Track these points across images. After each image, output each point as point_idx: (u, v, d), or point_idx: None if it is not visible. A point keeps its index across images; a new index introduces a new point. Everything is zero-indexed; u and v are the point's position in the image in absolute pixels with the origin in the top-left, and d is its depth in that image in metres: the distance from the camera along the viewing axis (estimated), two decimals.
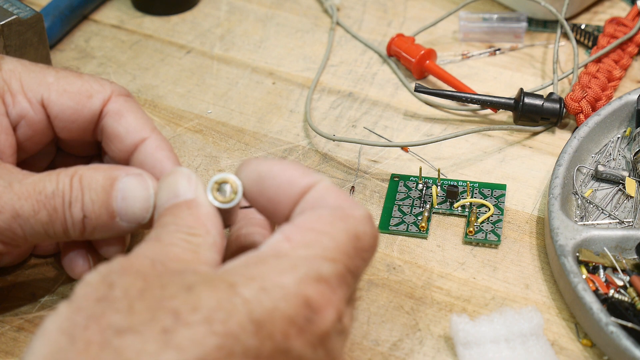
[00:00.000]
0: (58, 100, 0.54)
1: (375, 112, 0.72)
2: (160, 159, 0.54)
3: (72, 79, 0.55)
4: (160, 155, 0.54)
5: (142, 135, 0.54)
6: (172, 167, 0.53)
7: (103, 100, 0.55)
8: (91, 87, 0.55)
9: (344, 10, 0.82)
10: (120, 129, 0.54)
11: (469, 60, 0.77)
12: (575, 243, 0.58)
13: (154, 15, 0.82)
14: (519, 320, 0.54)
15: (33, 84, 0.54)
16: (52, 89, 0.54)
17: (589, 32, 0.77)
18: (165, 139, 0.55)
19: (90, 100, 0.54)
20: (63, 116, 0.54)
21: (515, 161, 0.67)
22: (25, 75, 0.54)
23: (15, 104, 0.54)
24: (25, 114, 0.54)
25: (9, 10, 0.67)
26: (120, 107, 0.55)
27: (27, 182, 0.50)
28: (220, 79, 0.75)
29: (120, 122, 0.54)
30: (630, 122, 0.68)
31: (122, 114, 0.55)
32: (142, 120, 0.55)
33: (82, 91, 0.55)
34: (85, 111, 0.55)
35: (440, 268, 0.60)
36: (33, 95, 0.54)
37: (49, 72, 0.55)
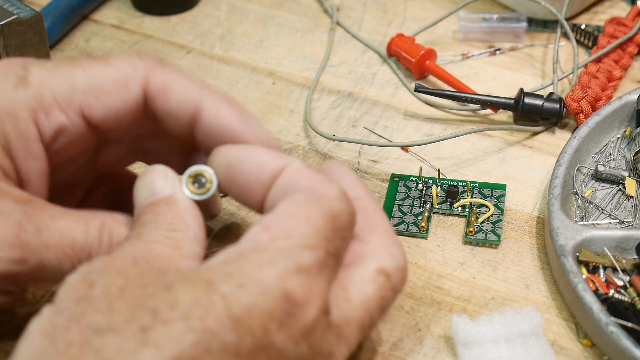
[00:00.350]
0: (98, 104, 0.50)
1: (375, 112, 0.72)
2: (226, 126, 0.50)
3: (102, 72, 0.51)
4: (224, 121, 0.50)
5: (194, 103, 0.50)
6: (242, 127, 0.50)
7: (141, 83, 0.51)
8: (124, 75, 0.51)
9: (344, 10, 0.82)
10: (171, 106, 0.51)
11: (469, 60, 0.77)
12: (575, 243, 0.58)
13: (154, 15, 0.82)
14: (519, 320, 0.54)
15: (66, 92, 0.50)
16: (88, 94, 0.50)
17: (589, 32, 0.77)
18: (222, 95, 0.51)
19: (128, 90, 0.50)
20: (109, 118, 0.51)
21: (515, 161, 0.67)
22: (55, 85, 0.50)
23: (50, 119, 0.50)
24: (63, 127, 0.50)
25: (9, 10, 0.68)
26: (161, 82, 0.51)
27: (55, 228, 0.48)
28: (220, 79, 0.75)
29: (168, 100, 0.51)
30: (630, 122, 0.68)
31: (166, 89, 0.51)
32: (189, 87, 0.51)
33: (117, 82, 0.50)
34: (129, 103, 0.51)
35: (440, 268, 0.60)
36: (68, 105, 0.50)
37: (77, 72, 0.50)
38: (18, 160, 0.50)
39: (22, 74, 0.50)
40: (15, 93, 0.49)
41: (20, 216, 0.47)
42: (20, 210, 0.47)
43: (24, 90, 0.49)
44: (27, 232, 0.47)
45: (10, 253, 0.47)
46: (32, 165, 0.50)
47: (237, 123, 0.51)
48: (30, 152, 0.50)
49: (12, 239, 0.47)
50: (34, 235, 0.47)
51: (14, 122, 0.49)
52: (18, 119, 0.49)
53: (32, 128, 0.49)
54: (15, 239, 0.47)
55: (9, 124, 0.49)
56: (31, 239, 0.47)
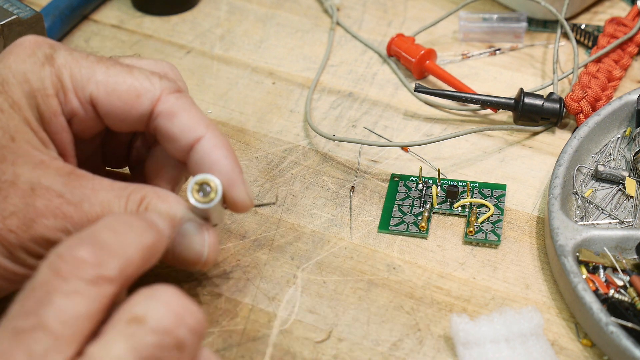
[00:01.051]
0: (106, 100, 0.53)
1: (375, 112, 0.72)
2: (217, 160, 0.52)
3: (121, 76, 0.53)
4: (217, 156, 0.52)
5: (197, 135, 0.53)
6: (230, 166, 0.52)
7: (152, 100, 0.53)
8: (141, 86, 0.53)
9: (344, 10, 0.82)
10: (174, 129, 0.53)
11: (469, 60, 0.77)
12: (575, 243, 0.58)
13: (154, 15, 0.82)
14: (519, 320, 0.54)
15: (83, 80, 0.53)
16: (100, 87, 0.53)
17: (589, 32, 0.77)
18: (222, 136, 0.54)
19: (139, 100, 0.53)
20: (112, 115, 0.53)
21: (515, 161, 0.67)
22: (76, 70, 0.53)
23: (67, 102, 0.52)
24: (76, 112, 0.53)
25: (9, 10, 0.68)
26: (172, 106, 0.53)
27: (96, 202, 0.50)
28: (220, 79, 0.75)
29: (173, 123, 0.53)
30: (630, 122, 0.68)
31: (175, 113, 0.53)
32: (196, 119, 0.53)
33: (131, 90, 0.53)
34: (134, 111, 0.53)
35: (440, 268, 0.60)
36: (82, 93, 0.53)
37: (99, 68, 0.53)
38: (54, 134, 0.52)
39: (50, 53, 0.53)
40: (42, 70, 0.52)
41: (62, 188, 0.50)
42: (62, 182, 0.50)
43: (50, 68, 0.52)
44: (69, 204, 0.49)
45: (55, 222, 0.49)
46: (66, 138, 0.53)
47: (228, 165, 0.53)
48: (62, 125, 0.52)
49: (54, 210, 0.49)
50: (75, 207, 0.50)
51: (44, 98, 0.52)
52: (47, 95, 0.52)
53: (57, 104, 0.52)
54: (57, 209, 0.49)
55: (41, 99, 0.52)
56: (72, 211, 0.50)
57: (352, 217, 0.63)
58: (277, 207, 0.64)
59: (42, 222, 0.49)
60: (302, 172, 0.67)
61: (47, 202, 0.49)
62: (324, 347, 0.55)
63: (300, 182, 0.66)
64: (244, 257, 0.61)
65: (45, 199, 0.49)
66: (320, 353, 0.55)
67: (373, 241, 0.62)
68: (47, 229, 0.49)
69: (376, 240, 0.62)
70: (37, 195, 0.49)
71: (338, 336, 0.56)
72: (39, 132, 0.51)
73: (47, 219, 0.49)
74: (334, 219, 0.63)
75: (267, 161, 0.68)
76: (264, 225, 0.63)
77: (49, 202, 0.49)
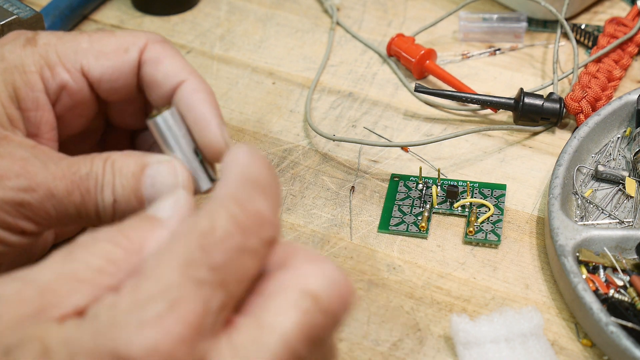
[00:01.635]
0: (97, 64, 0.53)
1: (375, 112, 0.72)
2: (197, 102, 0.52)
3: (105, 40, 0.54)
4: (197, 98, 0.53)
5: (180, 78, 0.53)
6: (207, 109, 0.52)
7: (139, 50, 0.54)
8: (125, 41, 0.54)
9: (344, 10, 0.82)
10: (158, 75, 0.54)
11: (469, 60, 0.77)
12: (575, 243, 0.58)
13: (154, 15, 0.82)
14: (519, 320, 0.54)
15: (69, 53, 0.53)
16: (88, 54, 0.53)
17: (589, 32, 0.77)
18: (204, 82, 0.54)
19: (127, 54, 0.54)
20: (104, 78, 0.54)
21: (515, 161, 0.67)
22: (60, 45, 0.53)
23: (54, 75, 0.53)
24: (65, 83, 0.53)
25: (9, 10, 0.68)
26: (157, 53, 0.54)
27: (62, 163, 0.50)
28: (220, 79, 0.75)
29: (157, 68, 0.54)
30: (630, 122, 0.68)
31: (159, 60, 0.54)
32: (180, 64, 0.54)
33: (118, 48, 0.54)
34: (125, 66, 0.54)
35: (440, 268, 0.60)
36: (71, 65, 0.53)
37: (82, 38, 0.54)
38: (27, 111, 0.52)
39: (31, 37, 0.54)
40: (23, 50, 0.53)
41: (26, 153, 0.50)
42: (25, 150, 0.50)
43: (31, 48, 0.53)
44: (34, 165, 0.49)
45: (17, 181, 0.49)
46: (41, 116, 0.53)
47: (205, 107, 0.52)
48: (38, 103, 0.53)
49: (18, 169, 0.49)
50: (39, 167, 0.49)
51: (21, 74, 0.52)
52: (26, 72, 0.52)
53: (38, 81, 0.53)
54: (22, 169, 0.49)
55: (18, 76, 0.52)
56: (37, 170, 0.49)
57: (352, 217, 0.63)
58: None
59: (4, 183, 0.49)
60: (302, 172, 0.67)
61: (9, 163, 0.49)
62: None
63: (300, 182, 0.66)
64: None
65: (7, 160, 0.49)
66: None
67: (373, 241, 0.62)
68: (9, 189, 0.49)
69: (376, 240, 0.62)
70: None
71: (338, 336, 0.56)
72: (8, 109, 0.52)
73: (8, 179, 0.49)
74: (334, 219, 0.63)
75: None
76: None
77: (12, 163, 0.49)
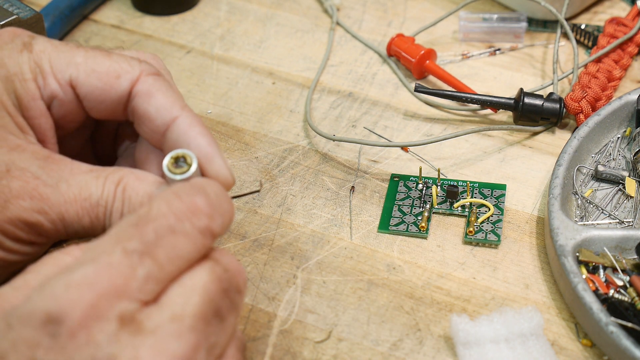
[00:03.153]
0: (86, 81, 0.53)
1: (375, 112, 0.72)
2: (193, 137, 0.52)
3: (100, 59, 0.54)
4: (193, 133, 0.52)
5: (173, 114, 0.53)
6: (207, 144, 0.52)
7: (131, 80, 0.54)
8: (120, 67, 0.54)
9: (344, 10, 0.82)
10: (150, 109, 0.53)
11: (469, 60, 0.77)
12: (575, 243, 0.58)
13: (154, 15, 0.82)
14: (519, 320, 0.54)
15: (62, 64, 0.53)
16: (80, 69, 0.53)
17: (589, 32, 0.77)
18: (197, 116, 0.54)
19: (118, 81, 0.53)
20: (91, 97, 0.54)
21: (515, 161, 0.67)
22: (54, 55, 0.53)
23: (46, 85, 0.53)
24: (55, 94, 0.53)
25: (9, 10, 0.68)
26: (150, 87, 0.54)
27: (74, 183, 0.50)
28: (220, 79, 0.75)
29: (150, 103, 0.53)
30: (630, 122, 0.68)
31: (152, 93, 0.53)
32: (173, 99, 0.54)
33: (110, 71, 0.54)
34: (113, 92, 0.53)
35: (440, 268, 0.60)
36: (62, 76, 0.53)
37: (78, 52, 0.54)
38: (32, 119, 0.53)
39: (28, 41, 0.54)
40: (20, 56, 0.53)
41: (39, 171, 0.50)
42: (38, 165, 0.50)
43: (27, 54, 0.53)
44: (46, 186, 0.50)
45: (31, 203, 0.49)
46: (45, 123, 0.53)
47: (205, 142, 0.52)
48: (40, 110, 0.53)
49: (31, 191, 0.49)
50: (52, 189, 0.50)
51: (21, 82, 0.52)
52: (25, 80, 0.52)
53: (35, 88, 0.53)
54: (35, 191, 0.49)
55: (18, 83, 0.52)
56: (49, 192, 0.50)
57: (352, 217, 0.63)
58: (277, 207, 0.64)
59: (18, 203, 0.49)
60: (302, 172, 0.67)
61: (23, 183, 0.49)
62: (324, 347, 0.55)
63: (300, 182, 0.66)
64: (244, 257, 0.61)
65: (21, 180, 0.49)
66: (320, 353, 0.55)
67: (373, 241, 0.62)
68: (23, 210, 0.49)
69: (376, 240, 0.62)
70: (12, 176, 0.49)
71: (338, 336, 0.56)
72: (15, 117, 0.51)
73: (23, 200, 0.49)
74: (334, 219, 0.63)
75: (267, 161, 0.68)
76: (264, 225, 0.63)
77: (25, 183, 0.49)
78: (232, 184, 0.53)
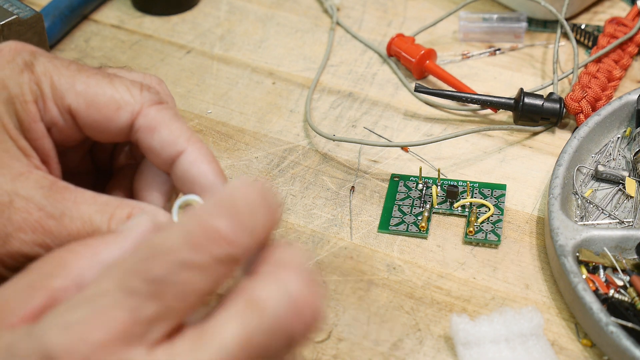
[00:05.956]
0: (85, 112, 0.52)
1: (375, 112, 0.72)
2: (199, 174, 0.51)
3: (102, 87, 0.52)
4: (199, 170, 0.51)
5: (178, 149, 0.51)
6: (213, 179, 0.51)
7: (132, 113, 0.52)
8: (121, 98, 0.52)
9: (344, 10, 0.82)
10: (154, 144, 0.52)
11: (469, 60, 0.77)
12: (575, 243, 0.58)
13: (154, 15, 0.82)
14: (519, 320, 0.54)
15: (62, 90, 0.52)
16: (79, 98, 0.52)
17: (589, 32, 0.77)
18: (205, 148, 0.52)
19: (118, 113, 0.52)
20: (91, 127, 0.52)
21: (515, 161, 0.67)
22: (56, 78, 0.52)
23: (46, 110, 0.52)
24: (55, 121, 0.52)
25: (9, 10, 0.68)
26: (152, 120, 0.52)
27: (77, 215, 0.48)
28: (220, 79, 0.75)
29: (153, 138, 0.52)
30: (630, 122, 0.68)
31: (154, 128, 0.52)
32: (177, 133, 0.52)
33: (111, 103, 0.52)
34: (113, 124, 0.52)
35: (440, 268, 0.60)
36: (61, 103, 0.52)
37: (80, 78, 0.52)
38: (35, 140, 0.51)
39: (29, 60, 0.52)
40: (21, 76, 0.51)
41: (43, 201, 0.48)
42: (42, 194, 0.48)
43: (29, 75, 0.51)
44: (49, 218, 0.48)
45: (33, 236, 0.48)
46: (47, 144, 0.52)
47: (211, 178, 0.51)
48: (42, 132, 0.51)
49: (34, 224, 0.48)
50: (56, 221, 0.48)
51: (22, 104, 0.51)
52: (26, 102, 0.51)
53: (36, 111, 0.51)
54: (38, 224, 0.48)
55: (19, 105, 0.51)
56: (53, 226, 0.48)
57: (352, 217, 0.63)
58: None
59: (20, 237, 0.48)
60: (302, 172, 0.67)
61: (26, 215, 0.48)
62: (324, 347, 0.55)
63: (300, 182, 0.66)
64: None
65: (24, 212, 0.48)
66: (320, 353, 0.55)
67: (373, 241, 0.62)
68: (24, 243, 0.48)
69: (376, 240, 0.62)
70: (15, 208, 0.48)
71: (338, 336, 0.56)
72: (18, 141, 0.50)
73: (25, 233, 0.48)
74: (334, 219, 0.63)
75: (267, 161, 0.68)
76: None
77: (28, 215, 0.48)
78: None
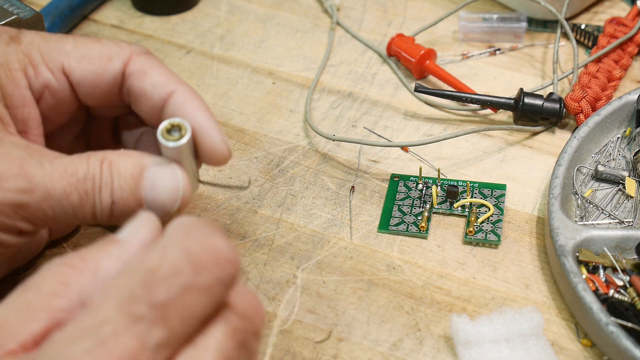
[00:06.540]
0: (78, 66, 0.54)
1: (375, 112, 0.72)
2: (191, 110, 0.52)
3: (90, 45, 0.54)
4: (190, 106, 0.53)
5: (169, 89, 0.53)
6: (204, 116, 0.52)
7: (123, 61, 0.54)
8: (110, 50, 0.54)
9: (344, 10, 0.82)
10: (146, 86, 0.53)
11: (469, 60, 0.77)
12: (575, 243, 0.58)
13: (154, 15, 0.82)
14: (519, 320, 0.54)
15: (53, 53, 0.53)
16: (71, 56, 0.54)
17: (589, 32, 0.77)
18: (193, 90, 0.54)
19: (110, 63, 0.54)
20: (85, 82, 0.54)
21: (515, 161, 0.67)
22: (44, 45, 0.54)
23: (37, 74, 0.53)
24: (48, 83, 0.53)
25: (9, 10, 0.68)
26: (143, 65, 0.54)
27: (58, 163, 0.49)
28: (220, 79, 0.75)
29: (144, 80, 0.53)
30: (630, 122, 0.68)
31: (146, 71, 0.54)
32: (167, 75, 0.54)
33: (102, 55, 0.54)
34: (106, 74, 0.54)
35: (440, 268, 0.60)
36: (54, 64, 0.53)
37: (67, 41, 0.54)
38: (14, 108, 0.52)
39: (15, 35, 0.54)
40: (7, 48, 0.53)
41: (21, 153, 0.49)
42: (20, 150, 0.49)
43: (15, 46, 0.53)
44: (31, 165, 0.49)
45: (15, 183, 0.48)
46: (28, 113, 0.53)
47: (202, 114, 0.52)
48: (25, 100, 0.52)
49: (16, 170, 0.48)
50: (37, 167, 0.49)
51: (6, 72, 0.52)
52: (10, 69, 0.52)
53: (22, 78, 0.52)
54: (19, 169, 0.48)
55: (3, 73, 0.52)
56: (35, 171, 0.49)
57: (352, 217, 0.63)
58: (277, 207, 0.64)
59: (2, 185, 0.48)
60: (302, 172, 0.67)
61: (7, 164, 0.48)
62: (324, 347, 0.55)
63: (300, 182, 0.66)
64: (244, 257, 0.61)
65: (4, 162, 0.48)
66: (320, 353, 0.55)
67: (373, 241, 0.62)
68: (7, 191, 0.48)
69: (376, 240, 0.62)
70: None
71: (338, 336, 0.56)
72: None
73: (7, 181, 0.48)
74: (334, 219, 0.63)
75: (267, 161, 0.68)
76: (264, 225, 0.63)
77: (9, 163, 0.48)
78: (228, 157, 0.52)
